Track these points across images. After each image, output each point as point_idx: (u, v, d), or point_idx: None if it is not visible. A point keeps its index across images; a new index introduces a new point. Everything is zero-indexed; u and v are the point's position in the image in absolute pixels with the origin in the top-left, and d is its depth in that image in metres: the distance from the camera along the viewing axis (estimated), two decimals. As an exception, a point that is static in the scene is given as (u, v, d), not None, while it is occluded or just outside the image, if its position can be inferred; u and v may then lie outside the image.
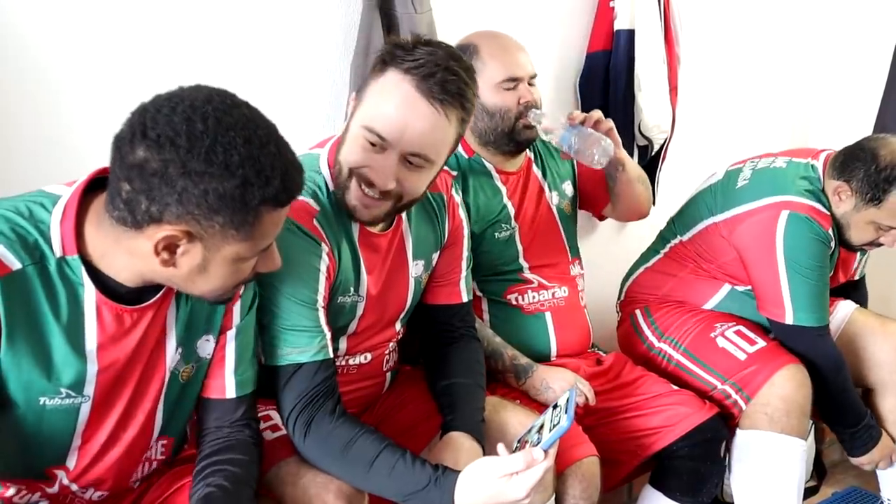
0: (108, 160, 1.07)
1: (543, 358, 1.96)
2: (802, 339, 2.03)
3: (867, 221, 2.05)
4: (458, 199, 1.72)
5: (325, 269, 1.42)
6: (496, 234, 1.95)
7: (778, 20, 3.14)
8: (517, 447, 1.36)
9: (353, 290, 1.51)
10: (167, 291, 1.21)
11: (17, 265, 1.08)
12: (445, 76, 1.34)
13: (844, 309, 2.32)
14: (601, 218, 2.33)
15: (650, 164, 2.62)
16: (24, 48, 1.62)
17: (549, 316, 1.99)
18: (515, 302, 1.97)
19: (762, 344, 2.05)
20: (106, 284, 1.14)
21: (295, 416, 1.39)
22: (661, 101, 2.57)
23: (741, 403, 2.00)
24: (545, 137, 1.93)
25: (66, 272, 1.11)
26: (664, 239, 2.29)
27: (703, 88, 2.92)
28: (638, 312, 2.25)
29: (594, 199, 2.17)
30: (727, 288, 2.18)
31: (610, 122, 1.89)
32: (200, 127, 1.01)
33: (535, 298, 1.99)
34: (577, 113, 1.88)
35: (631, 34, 2.51)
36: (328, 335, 1.43)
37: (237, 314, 1.33)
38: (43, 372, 1.12)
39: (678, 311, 2.20)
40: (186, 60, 1.80)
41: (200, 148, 1.01)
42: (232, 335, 1.33)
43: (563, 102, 2.51)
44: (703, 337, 2.11)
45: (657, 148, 2.63)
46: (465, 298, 1.73)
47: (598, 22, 2.53)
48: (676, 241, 2.24)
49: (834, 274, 2.18)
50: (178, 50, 1.79)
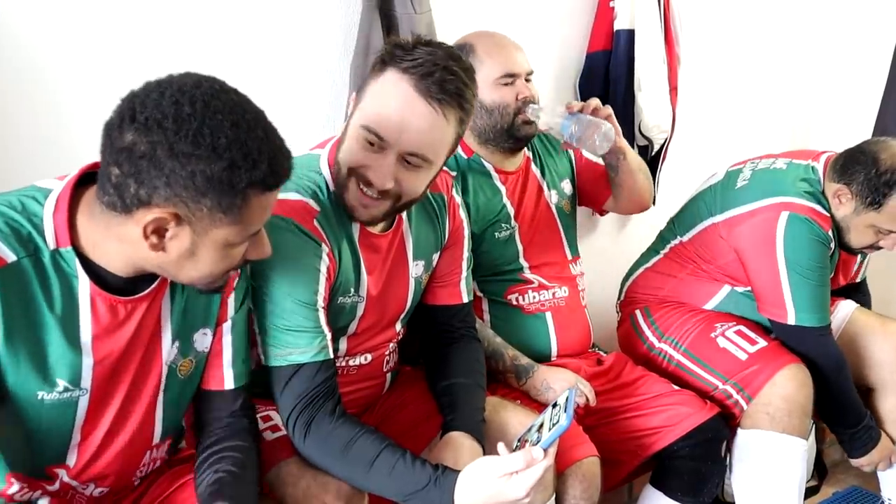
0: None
1: (544, 358, 1.96)
2: (804, 339, 2.03)
3: (867, 225, 2.05)
4: (458, 199, 1.72)
5: (325, 269, 1.42)
6: (496, 234, 1.94)
7: (778, 20, 3.14)
8: (517, 446, 1.36)
9: (353, 290, 1.50)
10: (161, 283, 1.22)
11: (12, 258, 1.08)
12: (444, 76, 1.33)
13: (845, 309, 2.32)
14: (602, 213, 2.32)
15: (650, 164, 2.61)
16: (20, 48, 1.62)
17: (549, 316, 1.99)
18: (516, 302, 1.97)
19: (763, 344, 2.05)
20: (100, 276, 1.14)
21: (295, 416, 1.38)
22: (661, 101, 2.57)
23: (742, 403, 2.00)
24: (545, 130, 1.92)
25: (60, 264, 1.12)
26: (664, 239, 2.29)
27: (703, 89, 2.92)
28: (638, 313, 2.25)
29: (595, 193, 2.16)
30: (727, 289, 2.18)
31: (608, 108, 1.89)
32: (188, 110, 1.02)
33: (535, 298, 1.99)
34: (574, 102, 1.89)
35: (631, 34, 2.51)
36: (328, 336, 1.43)
37: (232, 306, 1.33)
38: (40, 364, 1.13)
39: (678, 311, 2.19)
40: (185, 60, 1.79)
41: (188, 130, 1.01)
42: (228, 327, 1.34)
43: (563, 102, 2.50)
44: (703, 337, 2.11)
45: (657, 148, 2.63)
46: (465, 299, 1.72)
47: (598, 22, 2.54)
48: (676, 241, 2.24)
49: (834, 276, 2.17)
50: (177, 50, 1.79)
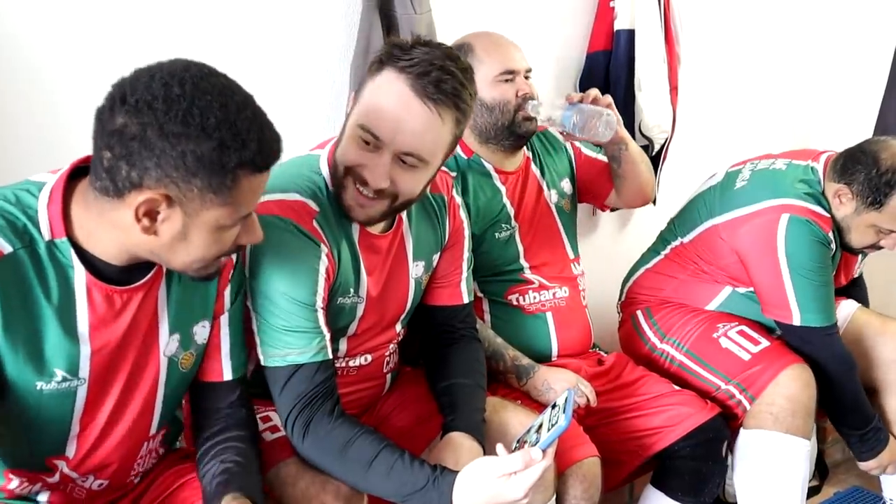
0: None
1: (544, 358, 1.96)
2: (811, 339, 2.02)
3: (868, 225, 2.04)
4: (458, 200, 1.72)
5: (324, 270, 1.42)
6: (496, 234, 1.94)
7: (779, 20, 3.14)
8: (516, 447, 1.35)
9: (352, 291, 1.50)
10: (156, 274, 1.23)
11: (8, 249, 1.10)
12: (440, 76, 1.33)
13: (846, 309, 2.31)
14: (604, 208, 2.32)
15: (651, 163, 2.61)
16: (18, 48, 1.62)
17: (550, 316, 1.99)
18: (516, 302, 1.97)
19: (766, 344, 2.05)
20: (95, 266, 1.15)
21: (294, 416, 1.38)
22: (661, 101, 2.57)
23: (745, 403, 1.99)
24: (547, 124, 1.92)
25: (55, 255, 1.13)
26: (664, 240, 2.29)
27: (703, 88, 2.92)
28: (639, 313, 2.25)
29: (596, 188, 2.15)
30: (729, 290, 2.17)
31: (608, 97, 1.89)
32: (177, 91, 1.03)
33: (535, 299, 1.98)
34: (574, 93, 1.89)
35: (631, 34, 2.51)
36: (327, 336, 1.43)
37: (228, 298, 1.35)
38: (38, 354, 1.13)
39: (680, 311, 2.19)
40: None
41: (177, 110, 1.03)
42: (225, 320, 1.35)
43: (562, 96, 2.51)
44: (705, 337, 2.10)
45: (658, 148, 2.63)
46: (466, 299, 1.72)
47: (598, 22, 2.53)
48: (677, 242, 2.23)
49: (836, 276, 2.17)
50: (176, 50, 1.74)
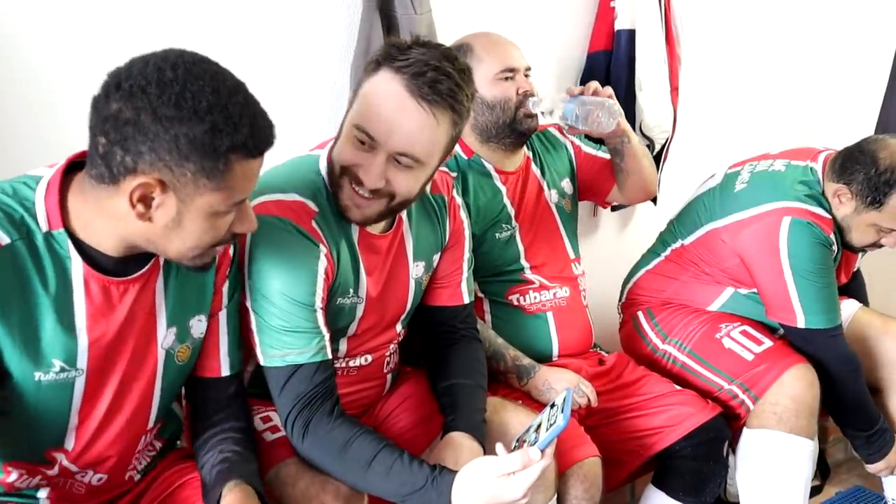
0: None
1: (545, 358, 1.96)
2: (815, 341, 2.01)
3: (868, 224, 2.04)
4: (458, 200, 1.71)
5: (323, 270, 1.42)
6: (497, 234, 1.94)
7: (779, 19, 3.14)
8: (515, 447, 1.35)
9: (352, 291, 1.50)
10: (153, 267, 1.23)
11: (5, 240, 1.11)
12: (436, 76, 1.32)
13: (848, 309, 2.31)
14: (605, 205, 2.31)
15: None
16: (16, 48, 1.62)
17: (550, 316, 1.99)
18: (517, 302, 1.97)
19: (769, 343, 2.05)
20: (92, 257, 1.16)
21: (293, 417, 1.39)
22: (662, 101, 2.57)
23: (748, 403, 1.99)
24: (549, 118, 1.91)
25: (53, 246, 1.14)
26: (665, 242, 2.28)
27: (704, 88, 2.92)
28: (640, 314, 2.24)
29: (597, 186, 2.15)
30: (730, 291, 2.17)
31: (609, 89, 1.89)
32: (170, 75, 1.05)
33: (536, 299, 1.98)
34: (574, 87, 1.89)
35: (632, 34, 2.51)
36: (326, 336, 1.43)
37: (225, 295, 1.36)
38: (35, 345, 1.14)
39: (682, 312, 2.19)
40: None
41: (170, 94, 1.04)
42: (224, 316, 1.37)
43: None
44: (708, 338, 2.10)
45: (658, 148, 2.63)
46: (466, 300, 1.72)
47: (598, 22, 2.54)
48: (677, 244, 2.23)
49: (837, 275, 2.16)
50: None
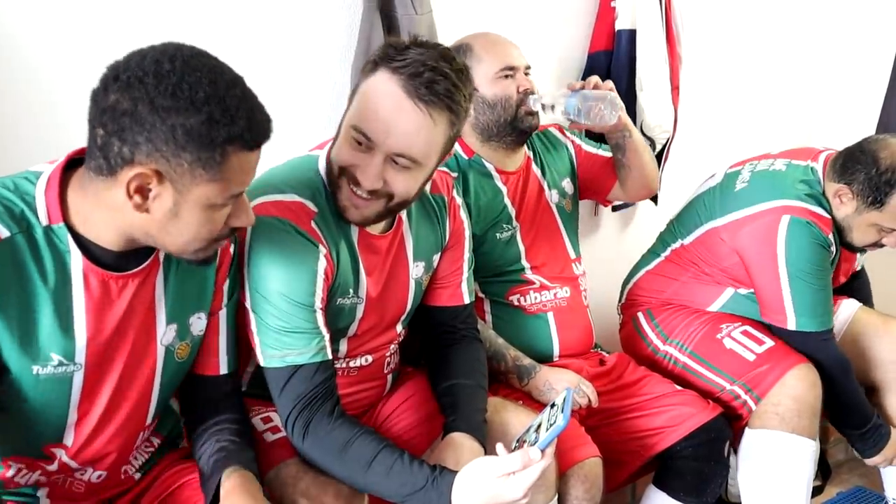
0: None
1: (546, 358, 1.96)
2: (806, 344, 2.02)
3: (869, 224, 2.04)
4: (459, 200, 1.71)
5: (322, 270, 1.42)
6: (497, 234, 1.94)
7: (780, 19, 3.14)
8: (515, 447, 1.35)
9: (352, 291, 1.50)
10: (153, 263, 1.24)
11: (5, 234, 1.11)
12: (433, 76, 1.32)
13: (848, 309, 2.32)
14: (606, 203, 2.31)
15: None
16: (16, 48, 1.62)
17: (551, 316, 1.99)
18: (517, 303, 1.97)
19: (770, 343, 2.04)
20: (92, 252, 1.17)
21: (294, 417, 1.39)
22: (662, 100, 2.56)
23: (750, 403, 1.99)
24: (550, 114, 1.90)
25: (53, 240, 1.14)
26: (664, 242, 2.28)
27: (705, 88, 2.91)
28: (640, 315, 2.24)
29: (599, 182, 2.14)
30: (730, 291, 2.17)
31: (609, 82, 1.89)
32: (168, 66, 1.05)
33: (537, 299, 1.98)
34: (575, 82, 1.89)
35: (632, 34, 2.51)
36: (326, 337, 1.43)
37: (226, 294, 1.37)
38: (34, 338, 1.15)
39: (682, 313, 2.19)
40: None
41: (168, 84, 1.04)
42: (224, 315, 1.38)
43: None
44: (709, 338, 2.10)
45: (659, 148, 2.63)
46: (467, 300, 1.72)
47: (599, 22, 2.53)
48: (677, 244, 2.23)
49: (835, 276, 2.16)
50: None
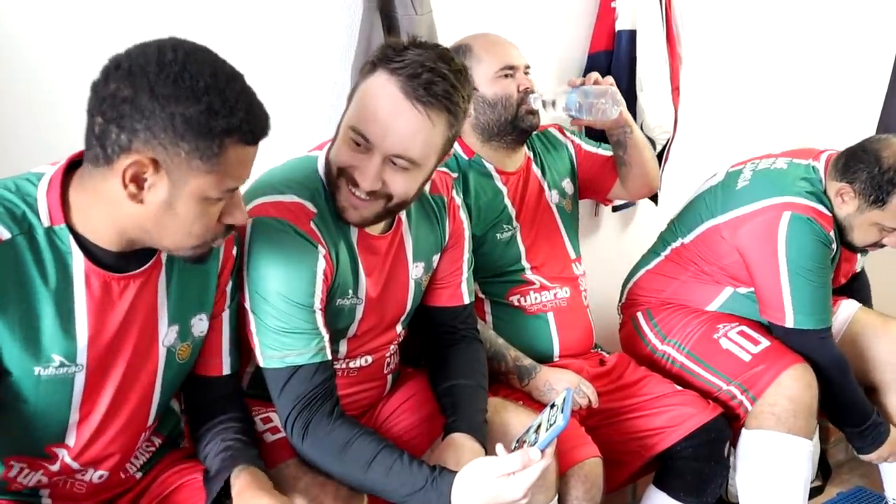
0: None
1: (546, 359, 1.96)
2: (804, 342, 2.02)
3: (871, 223, 2.04)
4: (458, 200, 1.71)
5: (321, 271, 1.41)
6: (498, 235, 1.94)
7: (780, 19, 3.14)
8: (515, 447, 1.35)
9: (351, 292, 1.50)
10: (155, 263, 1.24)
11: (6, 235, 1.11)
12: (431, 77, 1.32)
13: (847, 309, 2.32)
14: (606, 203, 2.31)
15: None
16: (16, 48, 1.62)
17: (551, 317, 1.99)
18: (518, 303, 1.97)
19: (766, 344, 2.05)
20: (93, 253, 1.17)
21: (293, 418, 1.39)
22: (663, 101, 2.56)
23: (747, 404, 1.99)
24: (551, 111, 1.89)
25: (54, 241, 1.15)
26: (665, 241, 2.28)
27: (705, 88, 2.91)
28: (640, 315, 2.25)
29: (598, 183, 2.14)
30: (729, 290, 2.17)
31: (610, 78, 1.89)
32: (170, 56, 1.06)
33: (537, 299, 1.98)
34: (576, 78, 1.90)
35: (633, 34, 2.51)
36: (326, 337, 1.43)
37: (228, 295, 1.38)
38: (35, 339, 1.15)
39: (680, 313, 2.19)
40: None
41: (169, 73, 1.05)
42: (226, 317, 1.39)
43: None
44: (706, 339, 2.10)
45: (660, 148, 2.62)
46: (466, 300, 1.72)
47: (599, 22, 2.53)
48: (678, 243, 2.23)
49: (835, 276, 2.17)
50: None
